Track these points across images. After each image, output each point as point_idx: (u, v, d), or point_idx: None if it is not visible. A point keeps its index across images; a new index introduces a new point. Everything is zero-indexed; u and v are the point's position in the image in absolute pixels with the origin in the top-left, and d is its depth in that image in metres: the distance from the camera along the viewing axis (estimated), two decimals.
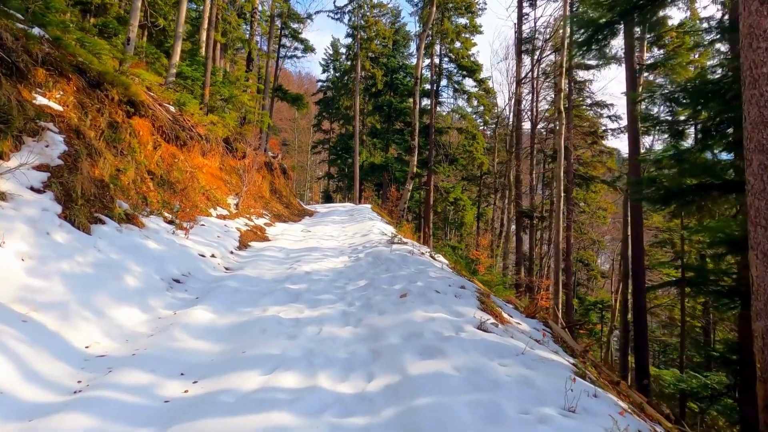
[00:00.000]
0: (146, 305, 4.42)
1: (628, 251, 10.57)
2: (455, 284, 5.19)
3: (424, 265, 6.30)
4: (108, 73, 8.96)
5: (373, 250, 7.70)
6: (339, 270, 6.72)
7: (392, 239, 8.44)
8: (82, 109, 7.37)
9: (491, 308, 4.53)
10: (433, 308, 4.11)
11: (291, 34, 18.74)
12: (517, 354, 3.18)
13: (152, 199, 8.51)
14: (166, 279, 5.36)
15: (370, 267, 6.56)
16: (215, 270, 6.61)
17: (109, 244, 5.20)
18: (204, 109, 13.37)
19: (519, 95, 17.73)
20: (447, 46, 24.22)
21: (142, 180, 8.66)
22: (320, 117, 41.05)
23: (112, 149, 7.94)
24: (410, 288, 4.83)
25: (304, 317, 4.33)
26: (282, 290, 5.36)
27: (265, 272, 6.71)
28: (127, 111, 9.27)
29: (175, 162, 10.61)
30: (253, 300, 5.02)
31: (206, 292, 5.28)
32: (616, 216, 29.89)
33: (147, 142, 9.76)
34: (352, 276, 6.19)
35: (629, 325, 10.37)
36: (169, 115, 11.48)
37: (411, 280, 5.30)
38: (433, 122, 22.29)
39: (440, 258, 7.72)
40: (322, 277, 6.21)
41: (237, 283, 5.66)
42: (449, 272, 6.17)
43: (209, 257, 7.16)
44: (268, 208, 15.24)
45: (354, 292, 5.37)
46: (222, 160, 14.23)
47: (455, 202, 24.27)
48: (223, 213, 11.02)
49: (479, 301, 4.60)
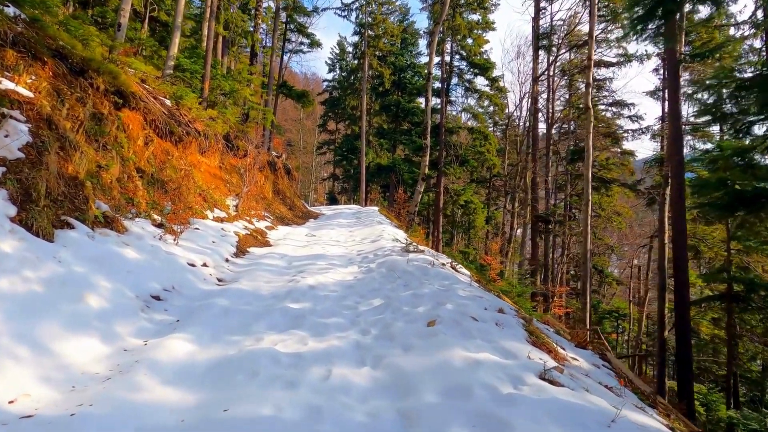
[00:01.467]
0: (110, 333, 3.51)
1: (664, 262, 9.62)
2: (491, 307, 4.26)
3: (449, 279, 5.37)
4: (93, 60, 8.07)
5: (387, 260, 6.77)
6: (348, 283, 5.80)
7: (407, 247, 7.52)
8: (57, 97, 6.49)
9: (543, 341, 3.60)
10: (474, 344, 3.18)
11: (297, 29, 17.88)
12: (608, 424, 2.25)
13: (140, 200, 7.65)
14: (143, 296, 4.45)
15: (385, 281, 5.63)
16: (206, 282, 5.70)
17: (75, 254, 4.31)
18: (203, 104, 12.52)
19: (536, 93, 16.79)
20: (458, 43, 23.30)
21: (129, 178, 7.79)
22: (326, 117, 40.23)
23: (94, 143, 7.07)
24: (439, 313, 3.90)
25: (307, 351, 3.41)
26: (281, 311, 4.45)
27: (263, 285, 5.80)
28: (115, 102, 8.42)
29: (168, 159, 9.75)
30: (246, 324, 4.11)
31: (190, 313, 4.37)
32: (632, 221, 28.86)
33: (137, 136, 8.91)
34: (365, 292, 5.27)
35: (666, 343, 9.42)
36: (164, 108, 10.64)
37: (437, 300, 4.37)
38: (443, 121, 21.37)
39: (462, 270, 6.78)
40: (328, 293, 5.29)
41: (228, 301, 4.75)
42: (478, 289, 5.24)
43: (200, 267, 6.27)
44: (270, 210, 14.36)
45: (368, 314, 4.45)
46: (222, 159, 13.37)
47: (466, 205, 23.30)
48: (221, 215, 10.14)
49: (527, 332, 3.67)
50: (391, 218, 17.02)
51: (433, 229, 21.53)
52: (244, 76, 14.13)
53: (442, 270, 5.89)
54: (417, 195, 14.31)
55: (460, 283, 5.19)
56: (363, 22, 29.47)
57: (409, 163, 30.40)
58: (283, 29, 18.16)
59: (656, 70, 18.29)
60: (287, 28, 17.81)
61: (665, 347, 9.51)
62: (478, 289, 5.20)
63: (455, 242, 29.95)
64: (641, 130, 18.51)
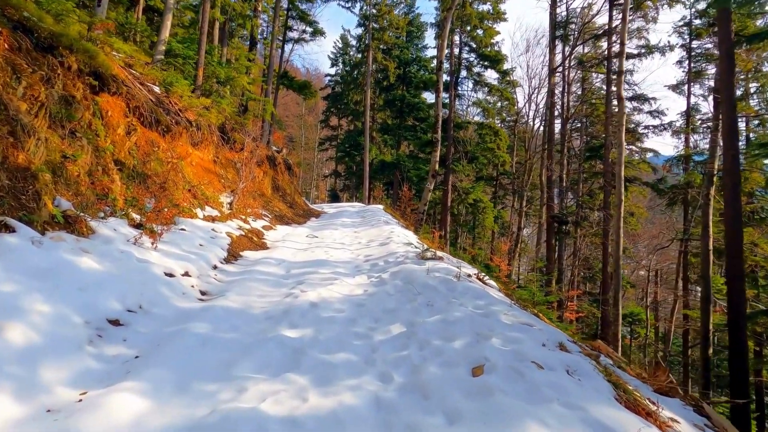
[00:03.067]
0: (32, 383, 2.51)
1: (709, 270, 8.61)
2: (550, 341, 3.24)
3: (482, 298, 4.35)
4: (65, 36, 7.04)
5: (401, 269, 5.76)
6: (358, 300, 4.78)
7: (423, 253, 6.51)
8: (12, 74, 5.47)
9: (635, 400, 2.58)
10: (552, 413, 2.17)
11: (299, 16, 16.85)
12: None
13: (116, 196, 6.66)
14: (96, 321, 3.45)
15: (403, 297, 4.62)
16: (184, 298, 4.69)
17: (6, 267, 3.31)
18: (197, 93, 11.50)
19: (552, 86, 15.74)
20: (468, 34, 22.21)
21: (105, 171, 6.80)
22: (328, 113, 39.18)
23: (60, 129, 6.07)
24: (485, 353, 2.89)
25: (308, 413, 2.41)
26: (274, 341, 3.44)
27: (255, 301, 4.79)
28: (92, 85, 7.40)
29: (154, 151, 8.75)
30: (227, 362, 3.11)
31: (156, 344, 3.37)
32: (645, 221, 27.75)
33: (117, 124, 7.92)
34: (379, 313, 4.26)
35: (710, 363, 8.41)
36: (151, 95, 9.63)
37: (476, 329, 3.36)
38: (452, 116, 20.31)
39: (491, 282, 5.77)
40: (334, 313, 4.28)
41: (209, 325, 3.75)
42: (521, 311, 4.23)
43: (180, 277, 5.26)
44: (268, 208, 13.35)
45: (386, 347, 3.44)
46: (217, 152, 12.37)
47: (475, 204, 22.24)
48: (213, 214, 9.14)
49: (611, 384, 2.65)
50: (397, 217, 16.00)
51: (440, 228, 20.51)
52: (241, 63, 13.09)
53: (471, 284, 4.87)
54: (426, 193, 13.27)
55: (497, 304, 4.17)
56: (367, 14, 28.39)
57: (414, 159, 29.35)
58: (284, 17, 17.11)
59: (679, 63, 17.25)
60: (289, 15, 16.78)
61: (709, 366, 8.50)
62: (521, 311, 4.19)
63: (460, 242, 28.90)
64: (663, 126, 17.44)
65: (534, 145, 25.87)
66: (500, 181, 30.21)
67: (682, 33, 16.60)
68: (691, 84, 16.30)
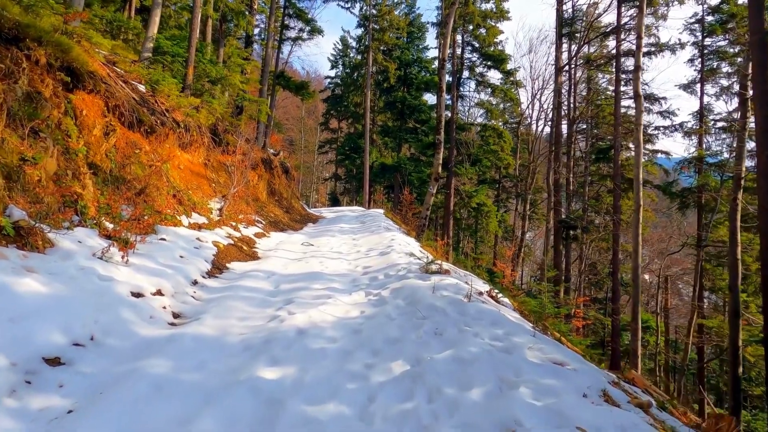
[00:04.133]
0: None
1: (737, 281, 7.92)
2: (591, 388, 2.58)
3: (500, 325, 3.69)
4: (32, 27, 6.39)
5: (404, 286, 5.09)
6: (354, 325, 4.11)
7: (427, 266, 5.84)
8: None
9: None
10: None
11: (296, 14, 16.25)
12: None
13: (87, 203, 6.00)
14: (27, 361, 2.78)
15: (406, 322, 3.95)
16: (151, 323, 4.02)
17: None
18: (187, 92, 10.86)
19: (559, 85, 15.08)
20: (470, 34, 21.57)
21: (76, 175, 6.16)
22: (328, 115, 38.58)
23: (21, 129, 5.43)
24: (514, 411, 2.23)
25: None
26: (247, 387, 2.77)
27: (234, 326, 4.13)
28: (64, 81, 6.76)
29: (135, 153, 8.11)
30: (179, 421, 2.44)
31: (97, 392, 2.70)
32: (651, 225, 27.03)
33: (94, 125, 7.29)
34: (379, 343, 3.58)
35: (740, 382, 7.72)
36: (135, 94, 9.01)
37: (499, 373, 2.69)
38: (454, 118, 19.67)
39: (504, 300, 5.10)
40: (325, 343, 3.61)
41: (169, 363, 3.08)
42: (546, 340, 3.56)
43: (150, 296, 4.59)
44: (263, 214, 12.70)
45: (387, 393, 2.76)
46: (208, 155, 11.72)
47: (478, 208, 21.55)
48: (200, 221, 8.48)
49: None
50: (398, 223, 15.34)
51: (442, 233, 19.84)
52: (234, 61, 12.45)
53: (484, 306, 4.20)
54: (429, 197, 12.60)
55: (518, 332, 3.50)
56: (367, 15, 27.80)
57: (415, 162, 28.69)
58: (280, 15, 16.50)
59: (691, 61, 16.60)
60: (285, 13, 16.19)
61: (739, 386, 7.77)
62: (546, 340, 3.52)
63: (461, 246, 28.20)
64: (674, 126, 16.78)
65: (538, 148, 25.23)
66: (503, 184, 29.56)
67: (694, 30, 15.98)
68: (704, 83, 15.65)
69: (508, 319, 3.91)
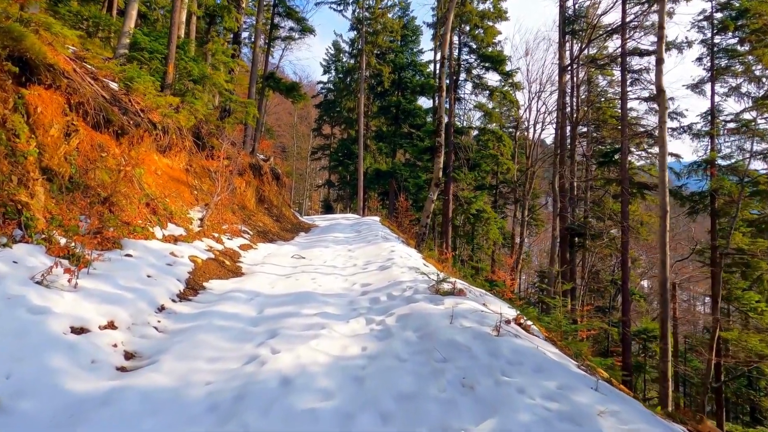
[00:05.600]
0: None
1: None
2: None
3: (545, 369, 2.81)
4: None
5: (412, 311, 4.20)
6: (354, 370, 3.21)
7: (438, 285, 4.95)
8: None
9: None
10: None
11: (285, 12, 15.44)
12: None
13: (35, 214, 5.07)
14: None
15: (423, 368, 3.06)
16: (91, 371, 3.08)
17: None
18: (167, 92, 9.95)
19: (563, 86, 14.37)
20: (467, 35, 20.89)
21: (22, 181, 5.24)
22: (320, 121, 37.79)
23: None
24: None
25: None
26: None
27: (200, 371, 3.21)
28: (14, 73, 5.87)
29: (102, 157, 7.17)
30: None
31: None
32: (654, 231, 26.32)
33: (50, 124, 6.39)
34: (387, 401, 2.68)
35: None
36: (105, 92, 8.09)
37: None
38: (452, 121, 18.89)
39: (534, 329, 4.22)
40: (316, 401, 2.70)
41: None
42: (611, 392, 2.68)
43: (98, 331, 3.66)
44: (250, 223, 11.77)
45: None
46: (190, 160, 10.79)
47: (478, 214, 20.73)
48: (177, 233, 7.55)
49: None
50: (395, 231, 14.47)
51: (441, 241, 19.00)
52: (219, 59, 11.57)
53: (519, 342, 3.31)
54: (429, 204, 11.75)
55: (575, 386, 2.61)
56: (360, 17, 27.07)
57: (410, 168, 27.90)
58: (269, 16, 15.67)
59: (699, 60, 15.96)
60: (275, 12, 15.38)
61: None
62: (613, 393, 2.64)
63: (458, 253, 27.34)
64: (682, 128, 16.10)
65: (535, 153, 24.53)
66: (500, 189, 28.82)
67: (702, 27, 15.35)
68: (714, 82, 14.99)
69: (553, 361, 3.03)
